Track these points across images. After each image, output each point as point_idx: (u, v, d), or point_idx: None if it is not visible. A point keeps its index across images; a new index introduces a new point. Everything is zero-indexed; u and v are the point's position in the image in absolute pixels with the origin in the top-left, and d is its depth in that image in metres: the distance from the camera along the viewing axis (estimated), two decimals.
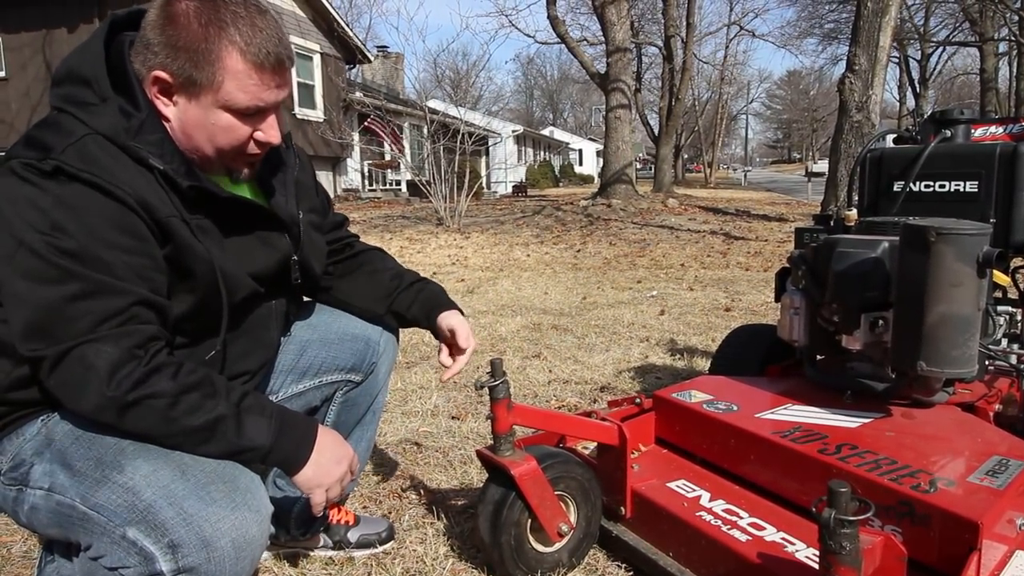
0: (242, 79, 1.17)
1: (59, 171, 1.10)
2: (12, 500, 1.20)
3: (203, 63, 1.16)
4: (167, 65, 1.17)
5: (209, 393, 1.15)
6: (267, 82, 1.20)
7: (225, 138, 1.22)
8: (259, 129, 1.24)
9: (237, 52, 1.16)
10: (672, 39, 23.58)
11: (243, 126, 1.22)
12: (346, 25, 20.24)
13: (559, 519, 1.59)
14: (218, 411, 1.14)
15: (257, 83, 1.19)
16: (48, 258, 1.08)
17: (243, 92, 1.18)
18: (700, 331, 4.24)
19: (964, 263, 1.49)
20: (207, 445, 1.14)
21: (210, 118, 1.20)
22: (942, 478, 1.40)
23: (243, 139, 1.24)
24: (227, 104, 1.19)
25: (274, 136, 1.26)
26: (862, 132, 9.07)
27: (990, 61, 25.76)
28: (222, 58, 1.16)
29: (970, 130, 2.10)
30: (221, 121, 1.20)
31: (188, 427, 1.12)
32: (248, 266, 1.33)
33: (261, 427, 1.18)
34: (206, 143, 1.23)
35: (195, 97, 1.19)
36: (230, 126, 1.21)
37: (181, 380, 1.13)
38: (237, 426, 1.16)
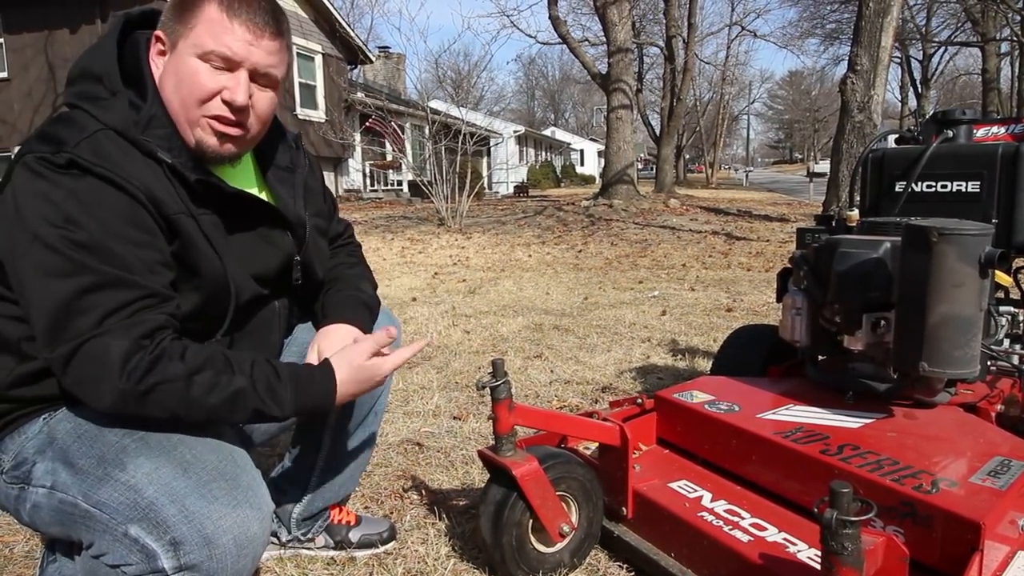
0: (212, 25, 1.20)
1: (72, 164, 1.11)
2: (14, 499, 1.21)
3: (185, 13, 1.21)
4: (164, 24, 1.23)
5: (221, 369, 1.15)
6: (238, 34, 1.21)
7: (188, 85, 1.21)
8: (226, 87, 1.22)
9: (216, 3, 1.20)
10: (674, 39, 23.56)
11: (209, 75, 1.21)
12: (348, 26, 20.25)
13: (561, 519, 1.59)
14: (235, 385, 1.15)
15: (227, 30, 1.20)
16: (61, 251, 1.09)
17: (210, 36, 1.20)
18: (702, 331, 4.24)
19: (966, 263, 1.48)
20: (233, 415, 1.17)
21: (180, 64, 1.21)
22: (944, 479, 1.40)
23: (206, 90, 1.22)
24: (196, 48, 1.20)
25: (239, 95, 1.22)
26: (864, 132, 9.06)
27: (992, 61, 25.73)
28: (201, 7, 1.20)
29: (972, 130, 2.10)
30: (189, 67, 1.21)
31: (209, 405, 1.13)
32: (251, 267, 1.34)
33: (279, 392, 1.19)
34: (174, 93, 1.22)
35: (174, 47, 1.22)
36: (195, 71, 1.21)
37: (189, 362, 1.13)
38: (257, 396, 1.16)
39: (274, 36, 1.25)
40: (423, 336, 4.13)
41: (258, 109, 1.27)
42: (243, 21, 1.21)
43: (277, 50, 1.26)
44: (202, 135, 1.25)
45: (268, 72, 1.26)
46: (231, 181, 1.30)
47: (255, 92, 1.26)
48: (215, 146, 1.26)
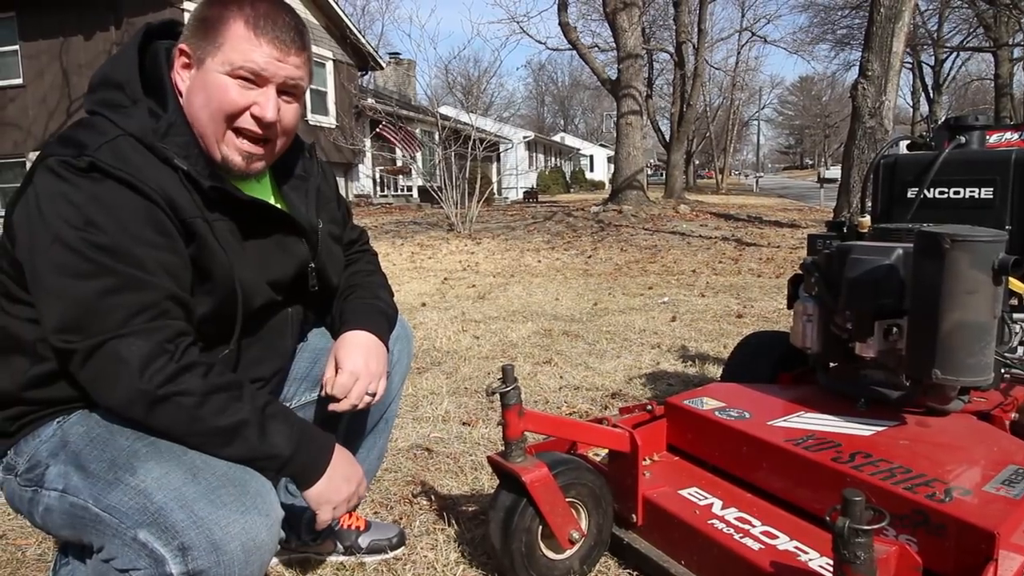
0: (239, 41, 1.21)
1: (93, 168, 1.13)
2: (28, 501, 1.22)
3: (211, 30, 1.22)
4: (189, 39, 1.24)
5: (236, 396, 1.16)
6: (266, 51, 1.22)
7: (217, 101, 1.23)
8: (255, 102, 1.24)
9: (243, 20, 1.21)
10: (683, 45, 23.56)
11: (238, 91, 1.23)
12: (358, 32, 20.36)
13: (570, 526, 1.59)
14: (243, 414, 1.16)
15: (255, 47, 1.22)
16: (82, 252, 1.11)
17: (238, 53, 1.21)
18: (712, 338, 4.22)
19: (979, 270, 1.47)
20: (229, 448, 1.15)
21: (208, 80, 1.23)
22: (957, 487, 1.39)
23: (235, 106, 1.23)
24: (224, 64, 1.22)
25: (268, 111, 1.24)
26: (875, 138, 9.02)
27: (1005, 66, 25.56)
28: (228, 24, 1.21)
29: (985, 136, 2.09)
30: (217, 83, 1.22)
31: (213, 427, 1.14)
32: (266, 273, 1.35)
33: (283, 436, 1.19)
34: (202, 109, 1.24)
35: (201, 63, 1.23)
36: (224, 87, 1.22)
37: (211, 380, 1.15)
38: (260, 432, 1.17)
39: (300, 51, 1.27)
40: (430, 345, 4.13)
41: (284, 122, 1.30)
42: (270, 39, 1.22)
43: (303, 64, 1.28)
44: (228, 153, 1.27)
45: (295, 85, 1.28)
46: (245, 189, 1.31)
47: (281, 105, 1.28)
48: (242, 165, 1.29)
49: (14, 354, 1.22)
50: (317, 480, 1.24)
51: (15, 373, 1.21)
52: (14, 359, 1.22)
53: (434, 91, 18.23)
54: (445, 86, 17.12)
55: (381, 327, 1.52)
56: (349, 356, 1.41)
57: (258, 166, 1.31)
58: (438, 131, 13.75)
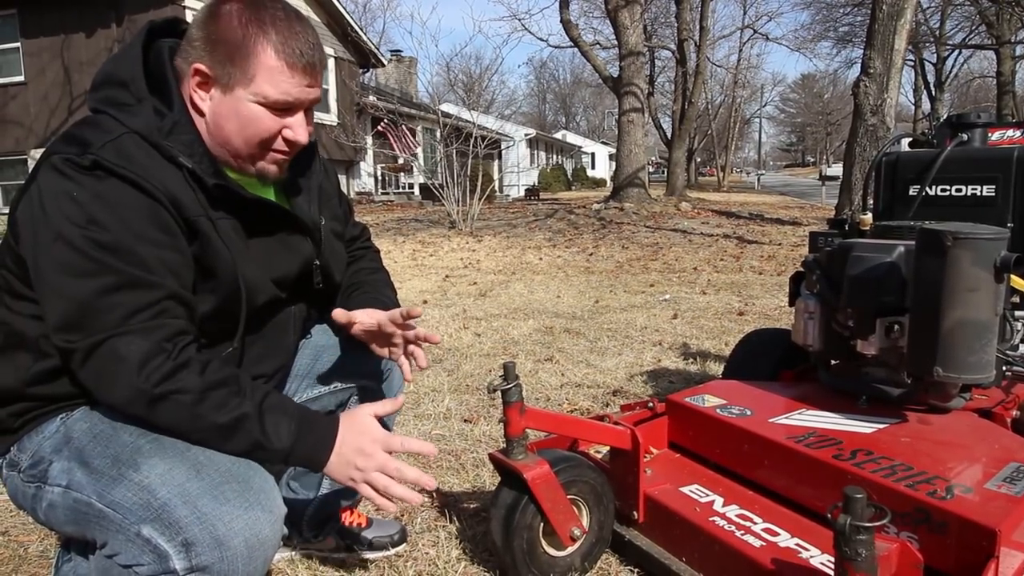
0: (273, 74, 1.21)
1: (97, 166, 1.13)
2: (31, 497, 1.22)
3: (239, 57, 1.21)
4: (206, 59, 1.22)
5: (234, 391, 1.16)
6: (297, 80, 1.24)
7: (253, 129, 1.25)
8: (287, 126, 1.27)
9: (272, 49, 1.21)
10: (685, 42, 23.51)
11: (271, 119, 1.25)
12: (360, 29, 20.34)
13: (571, 523, 1.59)
14: (242, 409, 1.15)
15: (288, 79, 1.23)
16: (84, 251, 1.11)
17: (273, 86, 1.22)
18: (713, 335, 4.22)
19: (981, 268, 1.47)
20: (230, 442, 1.15)
21: (241, 109, 1.23)
22: (959, 485, 1.39)
23: (270, 132, 1.26)
24: (257, 96, 1.22)
25: (302, 135, 1.29)
26: (877, 136, 9.01)
27: (1007, 64, 25.50)
28: (257, 53, 1.20)
29: (987, 134, 2.08)
30: (252, 113, 1.23)
31: (213, 423, 1.14)
32: (270, 271, 1.35)
33: (283, 427, 1.18)
34: (235, 135, 1.25)
35: (229, 89, 1.23)
36: (258, 117, 1.24)
37: (208, 377, 1.15)
38: (260, 425, 1.16)
39: (324, 68, 1.29)
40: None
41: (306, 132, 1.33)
42: (302, 67, 1.23)
43: (322, 80, 1.32)
44: (264, 167, 1.31)
45: (318, 100, 1.31)
46: (249, 187, 1.31)
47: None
48: (276, 173, 1.33)
49: (18, 350, 1.22)
50: (325, 462, 1.23)
51: (19, 369, 1.22)
52: (18, 355, 1.22)
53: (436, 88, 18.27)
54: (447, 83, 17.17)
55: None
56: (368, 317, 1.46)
57: (284, 169, 1.35)
58: (439, 129, 13.75)
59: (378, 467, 1.23)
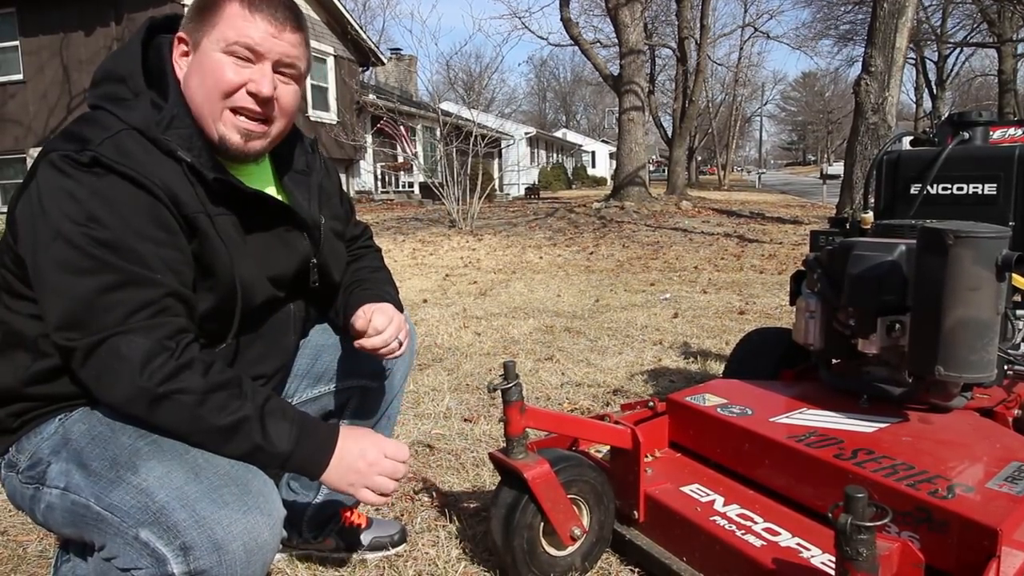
0: (234, 19, 1.22)
1: (96, 163, 1.13)
2: (29, 498, 1.22)
3: (207, 12, 1.23)
4: (186, 25, 1.25)
5: (236, 394, 1.16)
6: (260, 26, 1.23)
7: (213, 79, 1.23)
8: (251, 80, 1.24)
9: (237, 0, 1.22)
10: (686, 41, 23.50)
11: (233, 69, 1.23)
12: (359, 28, 20.34)
13: (572, 523, 1.59)
14: (243, 412, 1.15)
15: (248, 22, 1.22)
16: (84, 248, 1.11)
17: (232, 29, 1.22)
18: (714, 334, 4.22)
19: (982, 267, 1.47)
20: (230, 445, 1.15)
21: (205, 61, 1.23)
22: (960, 484, 1.38)
23: (231, 83, 1.23)
24: (219, 41, 1.22)
25: (264, 87, 1.24)
26: (878, 134, 9.00)
27: (1008, 62, 25.48)
28: (222, 5, 1.23)
29: (988, 132, 2.08)
30: (212, 60, 1.23)
31: (213, 426, 1.13)
32: (268, 269, 1.35)
33: (283, 431, 1.18)
34: (199, 89, 1.24)
35: (198, 45, 1.24)
36: (220, 64, 1.23)
37: (211, 378, 1.14)
38: (261, 428, 1.16)
39: (295, 29, 1.27)
40: (431, 341, 4.13)
41: (282, 102, 1.29)
42: (265, 15, 1.23)
43: (299, 43, 1.29)
44: (225, 131, 1.26)
45: (292, 64, 1.28)
46: (248, 182, 1.30)
47: (279, 85, 1.27)
48: (239, 143, 1.27)
49: (16, 350, 1.21)
50: (324, 469, 1.22)
51: (17, 369, 1.21)
52: (16, 355, 1.22)
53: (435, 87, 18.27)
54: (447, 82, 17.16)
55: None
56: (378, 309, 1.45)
57: (256, 145, 1.29)
58: (439, 127, 13.75)
59: (379, 471, 1.25)
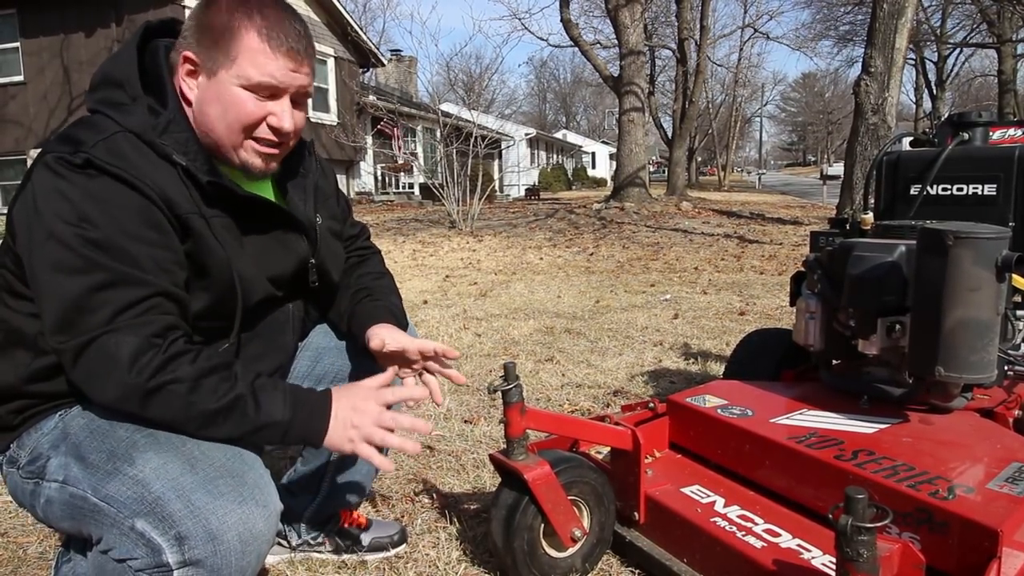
0: (255, 55, 1.22)
1: (88, 164, 1.14)
2: (30, 493, 1.23)
3: (222, 40, 1.22)
4: (193, 46, 1.24)
5: (226, 376, 1.17)
6: (281, 63, 1.23)
7: (235, 113, 1.24)
8: (272, 113, 1.26)
9: (255, 32, 1.21)
10: (686, 42, 23.50)
11: (254, 103, 1.24)
12: (360, 29, 20.36)
13: (572, 524, 1.59)
14: (236, 391, 1.16)
15: (271, 60, 1.23)
16: (75, 248, 1.12)
17: (254, 67, 1.22)
18: (714, 335, 4.22)
19: (982, 267, 1.47)
20: (227, 425, 1.15)
21: (224, 93, 1.23)
22: (961, 485, 1.38)
23: (253, 117, 1.25)
24: (240, 78, 1.22)
25: (286, 122, 1.27)
26: (878, 135, 9.00)
27: (1008, 63, 25.49)
28: (240, 36, 1.21)
29: (988, 133, 2.08)
30: (234, 96, 1.23)
31: (209, 409, 1.14)
32: (265, 269, 1.35)
33: (277, 402, 1.19)
34: (218, 120, 1.25)
35: (213, 74, 1.23)
36: (241, 100, 1.23)
37: (200, 364, 1.15)
38: (255, 403, 1.17)
39: (311, 58, 1.29)
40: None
41: (296, 125, 1.31)
42: (285, 51, 1.23)
43: (312, 70, 1.30)
44: (247, 157, 1.29)
45: (306, 91, 1.30)
46: (244, 185, 1.31)
47: (294, 112, 1.30)
48: (261, 166, 1.31)
49: (16, 348, 1.22)
50: (326, 432, 1.22)
51: (18, 367, 1.22)
52: (16, 353, 1.23)
53: (436, 88, 18.27)
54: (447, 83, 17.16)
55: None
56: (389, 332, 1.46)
57: (274, 164, 1.34)
58: (440, 128, 13.75)
59: (374, 420, 1.24)
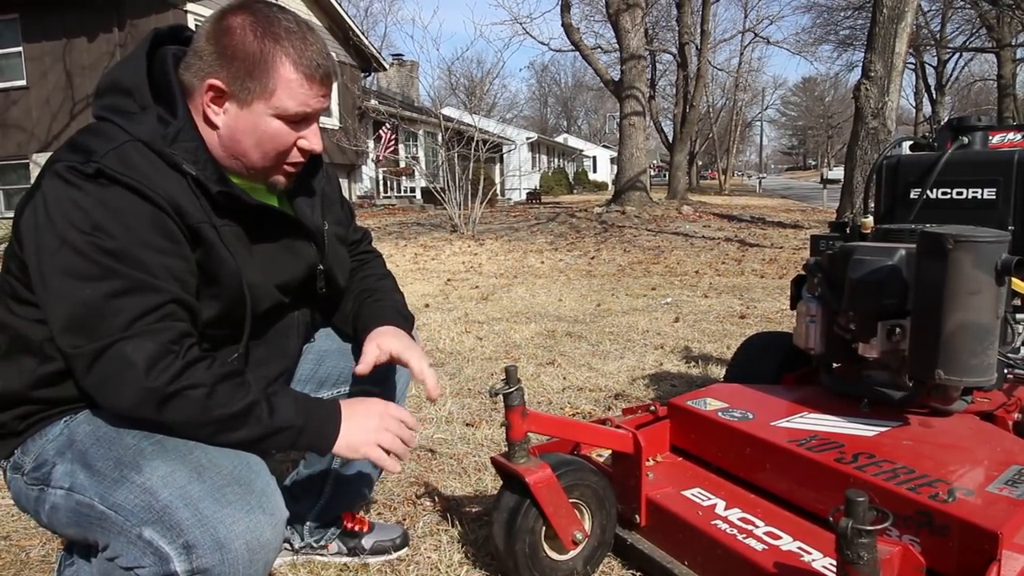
0: (293, 87, 1.23)
1: (100, 173, 1.14)
2: (34, 500, 1.23)
3: (258, 72, 1.22)
4: (221, 73, 1.22)
5: (240, 382, 1.18)
6: (315, 91, 1.26)
7: (272, 144, 1.27)
8: (303, 136, 1.29)
9: (291, 63, 1.22)
10: (686, 46, 23.55)
11: (289, 132, 1.27)
12: (361, 34, 20.39)
13: (574, 527, 1.59)
14: (251, 397, 1.17)
15: (307, 91, 1.25)
16: (90, 256, 1.12)
17: (292, 99, 1.24)
18: (715, 338, 4.22)
19: (982, 271, 1.47)
20: (243, 429, 1.17)
21: (260, 124, 1.25)
22: (961, 488, 1.39)
23: (288, 145, 1.28)
24: (277, 110, 1.24)
25: (316, 144, 1.31)
26: (878, 139, 9.00)
27: (1007, 67, 25.50)
28: (276, 67, 1.22)
29: (988, 137, 2.09)
30: (270, 127, 1.25)
31: (225, 414, 1.15)
32: (274, 276, 1.36)
33: (289, 406, 1.21)
34: (253, 148, 1.27)
35: (247, 104, 1.24)
36: (278, 132, 1.26)
37: (215, 371, 1.16)
38: (269, 408, 1.18)
39: (336, 78, 1.31)
40: (433, 346, 4.13)
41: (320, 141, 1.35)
42: (319, 79, 1.25)
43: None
44: (277, 178, 1.33)
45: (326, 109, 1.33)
46: (253, 193, 1.32)
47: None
48: (285, 183, 1.36)
49: (22, 354, 1.22)
50: (338, 434, 1.25)
51: (23, 372, 1.22)
52: (22, 359, 1.22)
53: (437, 92, 18.24)
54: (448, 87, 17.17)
55: (404, 327, 1.55)
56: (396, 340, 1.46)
57: (293, 178, 1.38)
58: (441, 132, 13.76)
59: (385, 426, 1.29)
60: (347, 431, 1.26)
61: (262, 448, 1.20)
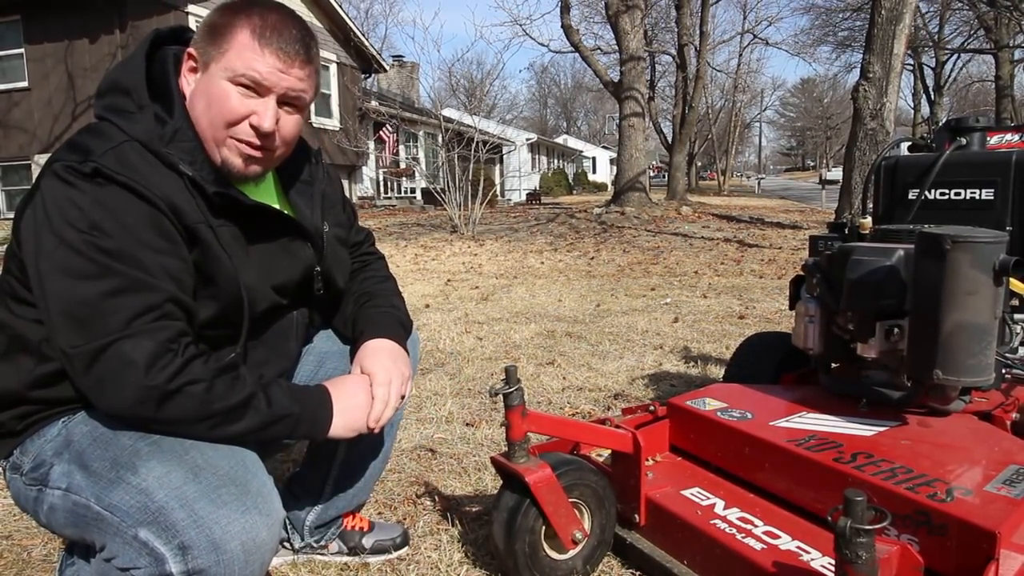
0: (243, 50, 1.22)
1: (97, 173, 1.14)
2: (33, 500, 1.23)
3: (217, 35, 1.24)
4: (196, 43, 1.26)
5: (236, 375, 1.20)
6: (268, 61, 1.23)
7: (218, 107, 1.24)
8: (254, 111, 1.24)
9: (248, 29, 1.23)
10: (686, 47, 23.56)
11: (238, 99, 1.23)
12: (362, 35, 20.41)
13: (573, 526, 1.59)
14: (249, 388, 1.19)
15: (257, 56, 1.22)
16: (87, 255, 1.12)
17: (240, 60, 1.22)
18: (714, 339, 4.22)
19: (980, 271, 1.48)
20: (243, 422, 1.18)
21: (211, 86, 1.24)
22: (959, 487, 1.39)
23: (235, 113, 1.24)
24: (226, 71, 1.23)
25: (265, 121, 1.24)
26: (876, 140, 9.00)
27: (1005, 68, 25.51)
28: (235, 32, 1.23)
29: (986, 137, 2.09)
30: (219, 88, 1.23)
31: (225, 407, 1.16)
32: (271, 277, 1.36)
33: (284, 395, 1.24)
34: (203, 114, 1.25)
35: (206, 67, 1.25)
36: (225, 95, 1.23)
37: (211, 366, 1.18)
38: (266, 398, 1.20)
39: (304, 63, 1.27)
40: (433, 346, 4.13)
41: (283, 132, 1.30)
42: (274, 49, 1.23)
43: (307, 76, 1.29)
44: (228, 155, 1.27)
45: (297, 96, 1.28)
46: (251, 194, 1.32)
47: (282, 116, 1.28)
48: (240, 167, 1.29)
49: (20, 354, 1.23)
50: (331, 422, 1.29)
51: (21, 373, 1.22)
52: (20, 359, 1.23)
53: (437, 93, 18.24)
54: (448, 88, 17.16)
55: (400, 336, 1.54)
56: (378, 362, 1.43)
57: (255, 169, 1.31)
58: (441, 133, 13.77)
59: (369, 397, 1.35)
60: (340, 412, 1.29)
61: (260, 438, 1.21)
